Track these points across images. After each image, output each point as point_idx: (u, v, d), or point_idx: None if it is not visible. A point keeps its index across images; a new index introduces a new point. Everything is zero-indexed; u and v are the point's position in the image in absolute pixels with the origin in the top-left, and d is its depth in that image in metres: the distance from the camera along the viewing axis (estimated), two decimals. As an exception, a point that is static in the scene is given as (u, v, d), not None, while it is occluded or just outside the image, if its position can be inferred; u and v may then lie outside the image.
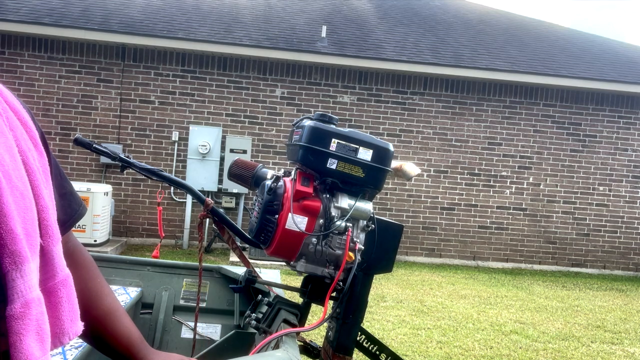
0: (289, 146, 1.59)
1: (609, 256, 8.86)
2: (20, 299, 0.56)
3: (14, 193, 0.58)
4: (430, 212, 8.54)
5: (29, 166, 0.63)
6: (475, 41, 9.54)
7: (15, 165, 0.60)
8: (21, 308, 0.56)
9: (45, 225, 0.63)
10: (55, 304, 0.66)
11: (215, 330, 2.02)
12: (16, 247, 0.56)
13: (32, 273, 0.58)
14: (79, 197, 0.85)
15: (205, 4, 9.38)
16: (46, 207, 0.64)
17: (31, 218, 0.60)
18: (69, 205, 0.81)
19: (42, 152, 0.69)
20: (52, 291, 0.66)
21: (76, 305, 0.70)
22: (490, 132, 8.57)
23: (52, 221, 0.65)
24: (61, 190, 0.79)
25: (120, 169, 1.55)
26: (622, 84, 8.56)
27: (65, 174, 0.83)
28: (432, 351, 4.15)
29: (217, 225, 1.58)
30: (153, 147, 8.02)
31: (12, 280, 0.56)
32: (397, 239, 1.54)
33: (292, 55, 8.02)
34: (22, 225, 0.58)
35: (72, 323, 0.68)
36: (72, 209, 0.81)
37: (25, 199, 0.60)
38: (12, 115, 0.66)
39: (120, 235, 7.95)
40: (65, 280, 0.68)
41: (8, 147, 0.60)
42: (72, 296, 0.69)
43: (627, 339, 4.95)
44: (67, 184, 0.82)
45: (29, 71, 7.79)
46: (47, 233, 0.64)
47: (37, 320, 0.58)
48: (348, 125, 7.87)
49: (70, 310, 0.68)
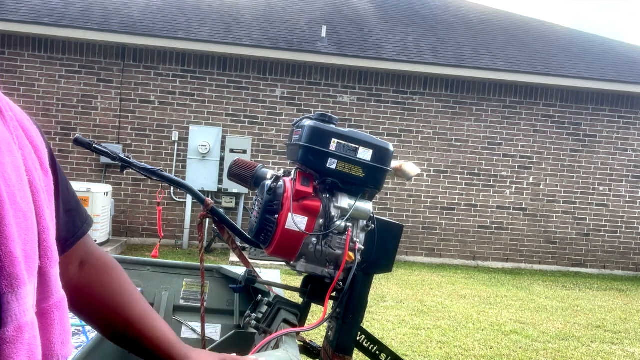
0: (289, 146, 1.59)
1: (609, 256, 8.86)
2: (14, 322, 0.56)
3: (17, 214, 0.57)
4: (430, 212, 8.54)
5: (34, 186, 0.63)
6: (476, 41, 9.54)
7: (21, 185, 0.60)
8: (14, 332, 0.56)
9: (45, 247, 0.63)
10: (48, 326, 0.65)
11: (215, 330, 2.02)
12: (14, 270, 0.55)
13: (28, 296, 0.58)
14: (85, 212, 0.84)
15: (205, 4, 9.38)
16: (47, 227, 0.64)
17: (32, 240, 0.60)
18: (73, 222, 0.80)
19: (47, 172, 0.68)
20: (46, 313, 0.65)
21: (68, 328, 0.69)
22: (490, 132, 8.57)
23: (51, 243, 0.64)
24: (67, 206, 0.78)
25: (120, 169, 1.55)
26: (622, 84, 8.56)
27: (73, 189, 0.83)
28: (432, 351, 4.15)
29: (217, 225, 1.58)
30: (153, 147, 8.02)
31: (7, 303, 0.55)
32: (397, 239, 1.55)
33: (292, 55, 8.02)
34: (22, 247, 0.57)
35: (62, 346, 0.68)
36: (76, 226, 0.81)
37: (27, 220, 0.59)
38: (22, 134, 0.66)
39: (120, 235, 7.95)
40: (59, 302, 0.67)
41: (16, 167, 0.60)
42: (64, 318, 0.68)
43: (627, 339, 4.95)
44: (73, 200, 0.81)
45: (29, 71, 7.79)
46: (46, 254, 0.63)
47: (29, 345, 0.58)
48: (348, 125, 7.87)
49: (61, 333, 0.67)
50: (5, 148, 0.60)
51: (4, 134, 0.61)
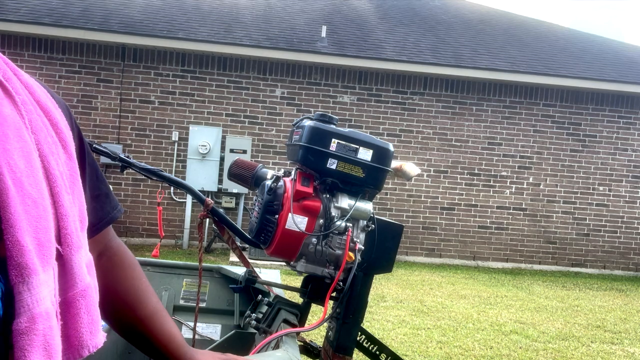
0: (289, 146, 1.59)
1: (609, 256, 8.86)
2: (27, 313, 0.55)
3: (24, 201, 0.56)
4: (430, 212, 8.54)
5: (50, 172, 0.62)
6: (476, 41, 9.54)
7: (31, 171, 0.59)
8: (27, 323, 0.55)
9: (64, 234, 0.62)
10: (74, 315, 0.64)
11: (215, 330, 2.02)
12: (23, 260, 0.54)
13: (42, 286, 0.56)
14: (115, 200, 0.83)
15: (205, 4, 9.38)
16: (66, 214, 0.62)
17: (45, 227, 0.58)
18: (102, 207, 0.79)
19: (71, 155, 0.67)
20: (71, 302, 0.64)
21: (97, 317, 0.68)
22: (490, 132, 8.57)
23: (72, 229, 0.63)
24: (95, 191, 0.77)
25: (120, 169, 1.55)
26: (622, 84, 8.56)
27: (103, 175, 0.82)
28: (432, 351, 4.15)
29: (217, 225, 1.58)
30: (153, 147, 8.02)
31: (18, 293, 0.54)
32: (397, 239, 1.55)
33: (292, 55, 8.02)
34: (33, 235, 0.56)
35: (91, 335, 0.66)
36: (105, 212, 0.80)
37: (38, 207, 0.58)
38: (42, 115, 0.64)
39: (120, 235, 7.91)
40: (85, 290, 0.66)
41: (25, 153, 0.59)
42: (92, 307, 0.67)
43: (627, 339, 4.95)
44: (103, 185, 0.80)
45: (29, 71, 7.66)
46: (66, 242, 0.62)
47: (44, 336, 0.56)
48: (348, 125, 7.87)
49: (89, 322, 0.66)
50: (13, 133, 0.58)
51: (13, 119, 0.60)
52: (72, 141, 0.68)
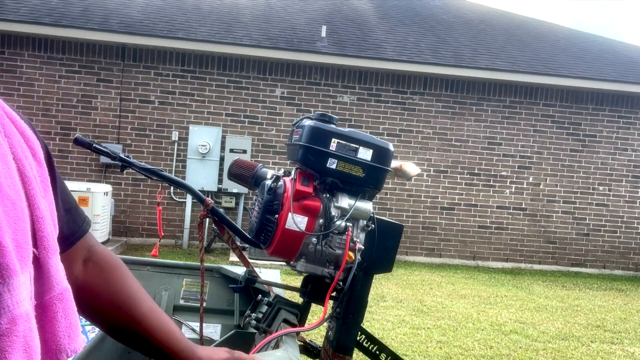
0: (289, 146, 1.59)
1: (609, 256, 8.86)
2: (7, 314, 0.54)
3: (4, 202, 0.56)
4: (430, 212, 8.54)
5: (25, 175, 0.61)
6: (476, 41, 9.54)
7: (8, 173, 0.58)
8: (7, 324, 0.54)
9: (40, 237, 0.61)
10: (51, 319, 0.64)
11: (215, 330, 2.02)
12: (4, 260, 0.53)
13: (21, 287, 0.56)
14: (83, 213, 0.84)
15: (205, 4, 9.38)
16: (42, 217, 0.62)
17: (23, 229, 0.58)
18: (74, 220, 0.80)
19: (40, 162, 0.67)
20: (48, 305, 0.63)
21: (76, 321, 0.67)
22: (490, 132, 8.57)
23: (48, 232, 0.63)
24: (66, 205, 0.78)
25: (120, 169, 1.55)
26: (622, 83, 8.56)
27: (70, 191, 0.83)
28: (432, 351, 4.15)
29: (217, 225, 1.58)
30: (153, 147, 8.02)
31: None
32: (397, 239, 1.55)
33: (292, 55, 8.02)
34: (11, 236, 0.56)
35: (70, 339, 0.66)
36: (76, 225, 0.81)
37: (16, 208, 0.58)
38: (9, 122, 0.64)
39: (120, 235, 7.95)
40: (62, 294, 0.65)
41: (1, 155, 0.58)
42: (69, 311, 0.66)
43: (627, 339, 4.95)
44: (71, 199, 0.81)
45: (28, 71, 7.79)
46: (42, 244, 0.61)
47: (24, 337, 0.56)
48: (348, 125, 7.87)
49: (67, 326, 0.65)
50: None
51: None
52: (40, 149, 0.68)
